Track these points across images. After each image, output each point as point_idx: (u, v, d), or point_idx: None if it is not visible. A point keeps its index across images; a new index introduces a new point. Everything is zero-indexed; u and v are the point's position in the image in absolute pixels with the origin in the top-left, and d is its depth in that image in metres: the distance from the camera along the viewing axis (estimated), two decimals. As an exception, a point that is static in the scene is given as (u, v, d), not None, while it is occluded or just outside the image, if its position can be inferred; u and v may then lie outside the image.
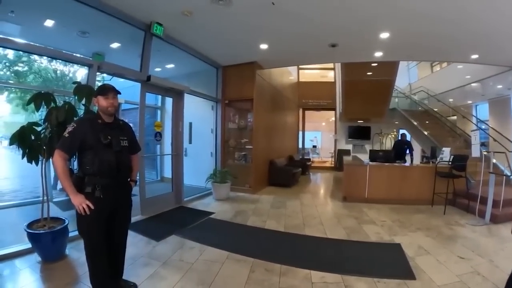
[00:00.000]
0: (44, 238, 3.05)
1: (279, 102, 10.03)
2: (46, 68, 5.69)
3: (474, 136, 5.85)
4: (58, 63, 5.40)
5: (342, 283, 2.87)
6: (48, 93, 3.17)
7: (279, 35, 5.61)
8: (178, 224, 4.56)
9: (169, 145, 6.03)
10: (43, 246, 3.09)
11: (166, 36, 5.26)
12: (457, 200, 6.26)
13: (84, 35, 4.51)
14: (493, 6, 4.26)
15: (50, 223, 3.19)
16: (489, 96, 12.18)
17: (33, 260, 3.06)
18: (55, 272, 2.88)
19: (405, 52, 6.98)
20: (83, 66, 4.22)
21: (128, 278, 2.64)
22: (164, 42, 5.41)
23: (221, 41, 5.89)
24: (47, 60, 5.29)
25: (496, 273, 3.10)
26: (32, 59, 5.35)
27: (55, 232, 3.09)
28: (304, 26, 5.17)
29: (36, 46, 3.80)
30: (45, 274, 2.85)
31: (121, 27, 4.62)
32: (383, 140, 14.20)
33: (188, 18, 4.72)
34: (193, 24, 5.02)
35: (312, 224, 4.96)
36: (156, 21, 4.86)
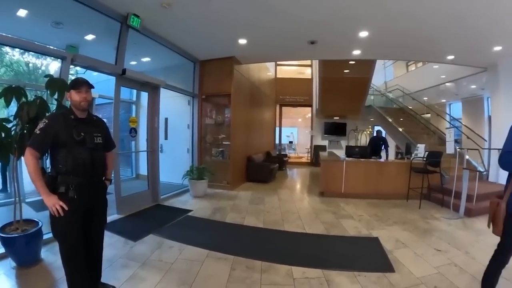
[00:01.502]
0: (18, 242, 2.86)
1: (256, 97, 10.01)
2: (19, 61, 5.34)
3: (449, 133, 6.11)
4: (30, 56, 5.08)
5: (323, 277, 2.91)
6: (19, 87, 2.98)
7: (258, 30, 5.56)
8: (155, 223, 4.44)
9: (145, 141, 5.84)
10: (17, 250, 2.90)
11: (143, 29, 5.08)
12: (432, 194, 6.52)
13: (58, 26, 4.26)
14: (469, 8, 4.43)
15: (23, 225, 2.99)
16: (462, 96, 12.76)
17: (7, 266, 2.88)
18: (31, 278, 2.72)
19: (382, 51, 7.15)
20: (57, 59, 3.98)
21: (107, 280, 2.54)
22: (141, 35, 5.23)
23: (199, 35, 5.77)
24: (19, 53, 4.96)
25: (473, 265, 3.23)
26: (4, 51, 4.99)
27: (29, 235, 2.91)
28: (284, 22, 5.16)
29: (8, 37, 3.51)
30: (21, 280, 2.69)
31: (96, 18, 4.40)
32: (359, 136, 14.58)
33: (166, 10, 4.57)
34: (171, 17, 4.88)
35: (291, 219, 5.00)
36: (133, 13, 4.66)
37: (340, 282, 2.84)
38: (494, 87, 7.70)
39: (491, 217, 2.40)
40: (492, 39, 5.85)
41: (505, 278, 2.58)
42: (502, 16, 4.65)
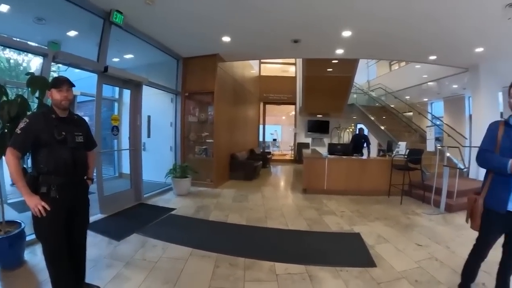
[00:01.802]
0: (1, 244, 2.79)
1: (240, 95, 10.02)
2: (-1, 57, 5.19)
3: (430, 131, 6.30)
4: (12, 52, 4.93)
5: (306, 273, 2.97)
6: (-1, 85, 2.89)
7: (241, 28, 5.58)
8: (139, 222, 4.41)
9: (127, 139, 5.76)
10: (1, 253, 2.83)
11: (126, 25, 5.02)
12: (413, 191, 6.72)
13: (41, 22, 4.17)
14: (450, 11, 4.59)
15: (5, 227, 2.92)
16: (444, 95, 13.12)
17: (-9, 269, 2.81)
18: (15, 280, 2.67)
19: (365, 51, 7.28)
20: (38, 56, 3.89)
21: (91, 281, 2.53)
22: (124, 32, 5.16)
23: (182, 32, 5.73)
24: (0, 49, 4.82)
25: (453, 259, 3.34)
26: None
27: (12, 237, 2.84)
28: (267, 21, 5.20)
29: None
30: (5, 283, 2.64)
31: (79, 14, 4.32)
32: (341, 134, 14.80)
33: (150, 7, 4.53)
34: (154, 14, 4.83)
35: (274, 216, 5.06)
36: (116, 9, 4.59)
37: (322, 277, 2.90)
38: (475, 87, 7.96)
39: (469, 212, 2.50)
40: (473, 41, 6.05)
41: (485, 271, 2.68)
42: (483, 19, 4.84)
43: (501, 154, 2.25)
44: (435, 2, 4.35)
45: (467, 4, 4.36)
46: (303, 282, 2.80)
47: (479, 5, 4.35)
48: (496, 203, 2.28)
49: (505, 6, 4.24)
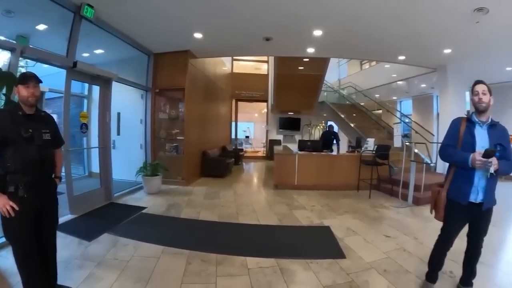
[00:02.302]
0: None
1: (212, 92, 9.99)
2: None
3: (396, 128, 6.63)
4: None
5: (277, 266, 3.06)
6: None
7: (214, 25, 5.58)
8: (109, 221, 4.34)
9: (97, 137, 5.60)
10: None
11: (97, 20, 4.89)
12: (382, 185, 7.03)
13: (9, 15, 3.95)
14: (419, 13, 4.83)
15: None
16: (413, 94, 13.72)
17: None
18: None
19: (336, 50, 7.47)
20: (5, 50, 3.71)
21: (63, 282, 2.50)
22: (94, 26, 5.02)
23: (154, 27, 5.66)
24: None
25: (421, 249, 3.53)
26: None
27: None
28: (238, 18, 5.23)
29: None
30: None
31: (49, 7, 4.17)
32: (312, 131, 15.17)
33: (121, 1, 4.48)
34: (126, 8, 4.75)
35: (246, 212, 5.14)
36: (87, 3, 4.45)
37: (293, 270, 3.00)
38: (443, 87, 8.37)
39: (433, 204, 2.62)
40: (442, 43, 6.34)
41: (452, 260, 2.85)
42: (452, 22, 5.11)
43: (462, 149, 2.38)
44: (404, 4, 4.55)
45: (436, 7, 4.58)
46: (274, 275, 2.88)
47: (448, 8, 4.57)
48: (458, 195, 2.40)
49: (474, 10, 4.48)
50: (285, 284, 2.74)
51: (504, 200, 6.15)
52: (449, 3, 4.40)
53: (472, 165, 2.23)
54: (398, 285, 2.77)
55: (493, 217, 2.44)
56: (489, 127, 2.39)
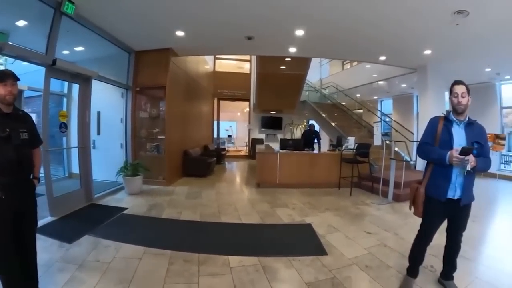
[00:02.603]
0: None
1: (194, 91, 9.95)
2: None
3: (376, 127, 6.79)
4: None
5: (259, 264, 3.10)
6: None
7: (196, 23, 5.57)
8: (90, 223, 4.27)
9: (76, 137, 5.46)
10: None
11: (77, 16, 4.78)
12: (362, 182, 7.21)
13: None
14: (400, 15, 4.98)
15: None
16: (393, 93, 14.06)
17: None
18: None
19: (318, 50, 7.58)
20: None
21: (44, 286, 2.46)
22: (75, 23, 4.91)
23: (136, 24, 5.59)
24: None
25: (402, 244, 3.63)
26: None
27: None
28: (222, 17, 5.22)
29: None
30: None
31: (30, 2, 4.08)
32: (294, 130, 15.31)
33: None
34: (107, 5, 4.70)
35: (228, 211, 5.17)
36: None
37: (275, 267, 3.05)
38: (423, 87, 8.59)
39: (412, 200, 2.66)
40: (422, 44, 6.52)
41: (433, 254, 2.98)
42: (432, 24, 5.27)
43: (440, 146, 2.43)
44: (385, 7, 4.66)
45: (417, 10, 4.71)
46: (257, 273, 2.92)
47: (428, 10, 4.70)
48: (437, 192, 2.46)
49: (454, 13, 4.63)
50: (267, 282, 2.77)
51: (483, 196, 6.58)
52: (430, 5, 4.53)
53: (450, 162, 2.29)
54: (380, 280, 2.84)
55: (473, 213, 2.52)
56: (466, 125, 2.45)
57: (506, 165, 10.43)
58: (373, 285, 2.78)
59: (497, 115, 10.22)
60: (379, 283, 2.80)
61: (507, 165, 10.44)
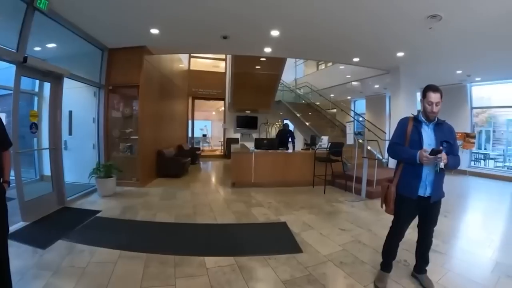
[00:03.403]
0: None
1: (168, 89, 9.84)
2: None
3: (349, 126, 6.99)
4: None
5: (235, 264, 3.14)
6: None
7: (171, 21, 5.53)
8: (63, 227, 4.17)
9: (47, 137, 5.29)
10: None
11: (50, 11, 4.63)
12: (336, 181, 7.43)
13: None
14: (374, 19, 5.17)
15: None
16: (367, 94, 14.53)
17: None
18: None
19: (293, 51, 7.70)
20: None
21: (19, 295, 2.40)
22: (47, 18, 4.76)
23: (109, 21, 5.47)
24: None
25: (375, 240, 3.77)
26: None
27: None
28: (197, 15, 5.21)
29: None
30: None
31: None
32: (269, 129, 15.42)
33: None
34: (81, 0, 4.58)
35: (203, 212, 5.17)
36: (41, -7, 4.19)
37: (251, 267, 3.09)
38: (395, 88, 8.93)
39: (383, 198, 2.75)
40: (395, 46, 6.78)
41: (406, 249, 3.14)
42: (405, 27, 5.49)
43: (410, 146, 2.51)
44: (359, 10, 4.82)
45: (391, 13, 4.91)
46: (233, 273, 2.95)
47: (402, 14, 4.90)
48: (407, 190, 2.54)
49: (427, 17, 4.86)
50: (244, 281, 2.81)
51: (455, 192, 7.05)
52: (404, 9, 4.72)
53: (420, 161, 2.37)
54: (355, 276, 2.94)
55: (445, 208, 2.67)
56: (435, 125, 2.54)
57: (476, 162, 11.19)
58: (348, 281, 2.87)
59: (468, 115, 10.89)
60: (354, 278, 2.89)
61: (477, 162, 11.20)
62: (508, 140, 11.17)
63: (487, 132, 11.85)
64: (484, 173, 10.16)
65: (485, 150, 11.63)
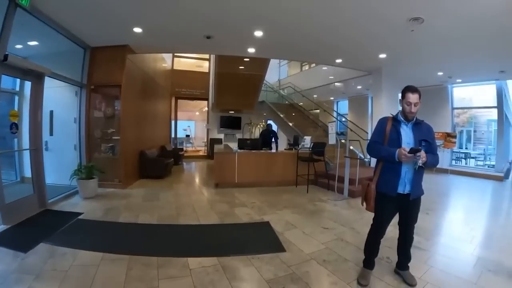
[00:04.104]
0: None
1: (150, 89, 9.76)
2: None
3: (331, 127, 7.11)
4: None
5: (219, 265, 3.17)
6: None
7: (154, 20, 5.51)
8: (45, 230, 4.10)
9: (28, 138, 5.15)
10: None
11: (32, 8, 4.55)
12: (319, 180, 7.57)
13: None
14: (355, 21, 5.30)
15: None
16: (349, 94, 14.79)
17: None
18: None
19: (276, 51, 7.79)
20: None
21: (0, 300, 2.36)
22: (29, 15, 4.67)
23: (92, 18, 5.39)
24: None
25: (358, 238, 3.86)
26: None
27: None
28: (181, 14, 5.23)
29: None
30: None
31: None
32: (253, 129, 15.52)
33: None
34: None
35: (186, 213, 5.18)
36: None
37: (235, 267, 3.12)
38: (377, 89, 9.11)
39: (363, 196, 2.80)
40: (378, 48, 6.93)
41: (388, 246, 3.22)
42: (388, 30, 5.64)
43: (389, 145, 2.57)
44: (344, 12, 4.93)
45: (373, 16, 5.03)
46: (217, 273, 2.98)
47: (384, 16, 5.03)
48: (387, 188, 2.59)
49: (409, 19, 5.00)
50: (228, 281, 2.84)
51: (436, 190, 7.21)
52: (387, 12, 4.85)
53: (399, 159, 2.43)
54: (338, 273, 3.00)
55: (427, 206, 2.78)
56: (414, 125, 2.62)
57: (457, 161, 11.69)
58: (331, 278, 2.93)
59: (449, 115, 11.32)
60: (337, 276, 2.96)
61: (458, 161, 11.69)
62: (488, 140, 11.66)
63: (468, 132, 12.38)
64: (465, 172, 10.59)
65: (466, 150, 12.14)
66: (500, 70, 8.64)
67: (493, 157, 11.05)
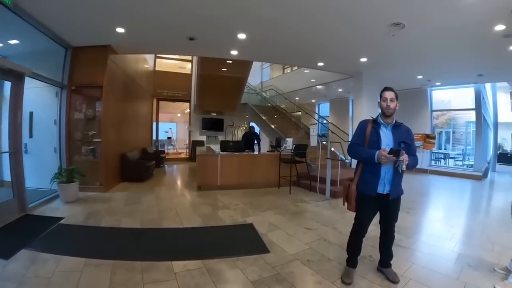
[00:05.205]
0: None
1: (132, 90, 9.65)
2: None
3: (313, 129, 7.29)
4: None
5: (203, 267, 3.18)
6: None
7: (137, 20, 5.48)
8: (26, 235, 4.01)
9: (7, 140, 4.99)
10: None
11: (14, 6, 4.47)
12: (301, 181, 7.70)
13: None
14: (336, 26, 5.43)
15: None
16: (331, 97, 15.09)
17: None
18: None
19: (259, 54, 7.88)
20: None
21: (-18, 309, 2.30)
22: (9, 12, 4.57)
23: (74, 17, 5.27)
24: None
25: (340, 238, 3.95)
26: None
27: None
28: (164, 15, 5.22)
29: None
30: None
31: None
32: (235, 131, 15.48)
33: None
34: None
35: (169, 216, 5.16)
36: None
37: (220, 269, 3.14)
38: (358, 92, 9.36)
39: (345, 197, 2.87)
40: (358, 52, 7.12)
41: (371, 245, 3.31)
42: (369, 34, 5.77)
43: (369, 147, 2.64)
44: (326, 16, 5.05)
45: (355, 21, 5.16)
46: (202, 276, 2.99)
47: (366, 21, 5.16)
48: (367, 188, 2.67)
49: (391, 25, 5.15)
50: (213, 284, 2.86)
51: (417, 190, 7.49)
52: (368, 17, 5.00)
53: (379, 160, 2.51)
54: (322, 273, 3.06)
55: (407, 205, 2.89)
56: (393, 127, 2.71)
57: (436, 162, 12.16)
58: (315, 278, 2.99)
59: (428, 117, 11.76)
60: (321, 275, 3.03)
61: (437, 162, 12.18)
62: (467, 140, 12.15)
63: (447, 133, 12.86)
64: (445, 171, 11.03)
65: (445, 150, 12.59)
66: (478, 74, 9.05)
67: (471, 157, 11.59)
